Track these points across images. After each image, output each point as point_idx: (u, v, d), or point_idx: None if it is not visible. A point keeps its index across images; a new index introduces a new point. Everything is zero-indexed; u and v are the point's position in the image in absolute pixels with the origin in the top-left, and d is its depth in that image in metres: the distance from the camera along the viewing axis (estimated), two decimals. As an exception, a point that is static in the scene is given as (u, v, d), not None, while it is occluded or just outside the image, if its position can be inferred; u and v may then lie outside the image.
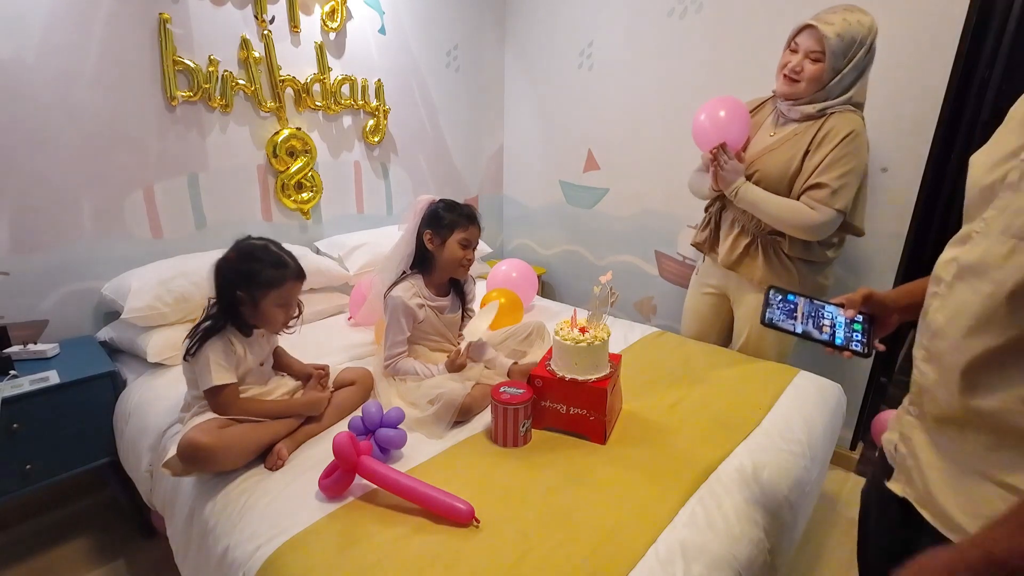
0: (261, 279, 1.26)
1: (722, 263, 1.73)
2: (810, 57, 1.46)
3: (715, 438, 1.31)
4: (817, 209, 1.48)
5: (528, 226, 3.16)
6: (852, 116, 1.48)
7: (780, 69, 1.54)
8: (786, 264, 1.61)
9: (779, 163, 1.55)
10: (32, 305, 1.69)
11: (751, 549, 1.04)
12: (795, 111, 1.54)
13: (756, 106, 1.71)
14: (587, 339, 1.27)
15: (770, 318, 0.94)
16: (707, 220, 1.80)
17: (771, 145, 1.59)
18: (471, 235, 1.54)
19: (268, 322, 1.32)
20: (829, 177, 1.46)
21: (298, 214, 2.29)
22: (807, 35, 1.46)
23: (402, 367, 1.50)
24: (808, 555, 1.67)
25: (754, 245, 1.65)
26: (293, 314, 1.36)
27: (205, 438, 1.13)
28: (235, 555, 1.00)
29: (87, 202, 1.74)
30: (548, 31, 2.74)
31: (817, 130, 1.49)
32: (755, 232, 1.64)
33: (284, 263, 1.30)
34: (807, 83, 1.48)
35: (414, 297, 1.52)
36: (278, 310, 1.30)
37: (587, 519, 1.03)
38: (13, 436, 1.41)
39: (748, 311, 1.75)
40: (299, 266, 1.33)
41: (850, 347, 0.91)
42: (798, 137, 1.53)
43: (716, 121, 1.57)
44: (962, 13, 1.65)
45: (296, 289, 1.33)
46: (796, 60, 1.48)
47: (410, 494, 1.05)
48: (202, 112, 1.94)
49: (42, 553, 1.63)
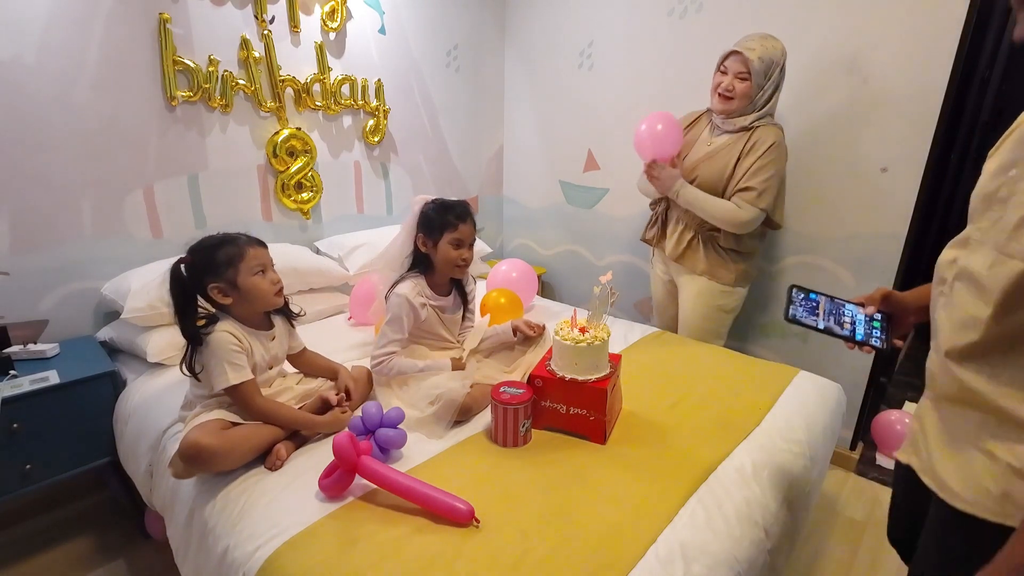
0: (222, 258, 1.23)
1: (669, 256, 1.97)
2: (739, 77, 1.71)
3: (715, 438, 1.31)
4: (744, 208, 1.73)
5: (528, 226, 3.16)
6: (774, 129, 1.74)
7: (714, 89, 1.77)
8: (722, 255, 1.87)
9: (715, 169, 1.79)
10: (32, 305, 1.69)
11: (751, 549, 1.04)
12: (729, 123, 1.79)
13: (694, 119, 1.95)
14: (587, 339, 1.27)
15: (793, 314, 0.99)
16: (654, 218, 2.05)
17: (709, 153, 1.83)
18: (462, 234, 1.52)
19: (257, 296, 1.27)
20: (756, 181, 1.71)
21: (298, 214, 2.29)
22: (734, 59, 1.71)
23: (396, 365, 1.47)
24: (808, 555, 1.67)
25: (696, 239, 1.89)
26: (276, 279, 1.31)
27: (207, 440, 1.13)
28: (235, 555, 1.00)
29: (87, 202, 1.74)
30: (548, 31, 2.74)
31: (746, 141, 1.75)
32: (696, 228, 1.88)
33: (233, 238, 1.27)
34: (739, 100, 1.73)
35: (418, 296, 1.52)
36: (257, 278, 1.26)
37: (587, 519, 1.03)
38: (13, 436, 1.41)
39: (688, 295, 1.98)
40: (251, 237, 1.30)
41: (870, 342, 0.95)
42: (730, 147, 1.78)
43: (652, 134, 1.82)
44: (962, 13, 1.65)
45: (262, 253, 1.29)
46: (727, 81, 1.73)
47: (410, 494, 1.05)
48: (202, 112, 1.94)
49: (42, 553, 1.63)
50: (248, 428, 1.22)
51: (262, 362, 1.33)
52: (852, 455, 2.14)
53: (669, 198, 1.89)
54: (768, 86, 1.71)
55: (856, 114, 1.88)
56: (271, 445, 1.23)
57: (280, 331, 1.40)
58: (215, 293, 1.25)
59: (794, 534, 1.27)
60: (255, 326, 1.32)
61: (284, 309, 1.42)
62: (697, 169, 1.83)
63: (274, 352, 1.37)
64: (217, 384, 1.21)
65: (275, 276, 1.31)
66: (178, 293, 1.24)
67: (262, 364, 1.33)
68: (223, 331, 1.23)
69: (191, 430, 1.18)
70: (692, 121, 1.95)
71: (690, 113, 1.98)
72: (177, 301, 1.24)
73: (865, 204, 1.92)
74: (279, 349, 1.39)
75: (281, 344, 1.40)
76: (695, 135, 1.91)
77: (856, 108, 1.88)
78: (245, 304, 1.28)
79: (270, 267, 1.31)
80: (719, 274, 1.88)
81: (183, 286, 1.24)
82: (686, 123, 1.95)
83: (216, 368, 1.21)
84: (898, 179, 1.84)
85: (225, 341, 1.22)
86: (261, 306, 1.31)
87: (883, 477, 2.07)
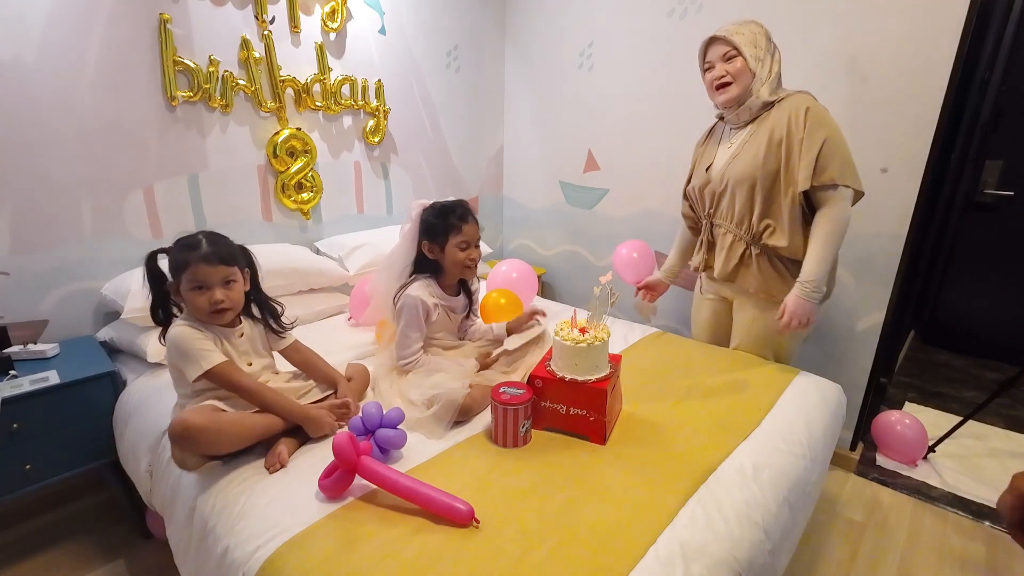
0: (175, 262, 1.24)
1: (719, 276, 1.73)
2: (726, 58, 1.53)
3: (715, 438, 1.31)
4: (838, 204, 1.48)
5: (528, 226, 3.16)
6: (797, 96, 1.52)
7: (709, 87, 1.60)
8: (779, 268, 1.62)
9: (745, 163, 1.56)
10: (32, 305, 1.69)
11: (751, 550, 1.03)
12: (744, 112, 1.57)
13: (707, 135, 1.78)
14: (587, 339, 1.27)
15: None
16: (700, 243, 1.81)
17: (733, 152, 1.62)
18: (468, 235, 1.53)
19: (193, 309, 1.25)
20: (826, 168, 1.45)
21: (298, 214, 2.29)
22: (713, 48, 1.56)
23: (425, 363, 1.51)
24: (808, 555, 1.67)
25: (747, 253, 1.65)
26: (217, 299, 1.23)
27: (197, 419, 1.13)
28: (235, 555, 1.00)
29: (87, 202, 1.74)
30: (548, 31, 2.74)
31: (773, 122, 1.52)
32: (748, 240, 1.63)
33: (193, 245, 1.23)
34: (738, 81, 1.53)
35: (430, 297, 1.53)
36: (194, 294, 1.22)
37: (587, 519, 1.03)
38: (13, 436, 1.41)
39: (745, 318, 1.75)
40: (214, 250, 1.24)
41: None
42: (755, 136, 1.56)
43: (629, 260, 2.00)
44: (962, 13, 1.65)
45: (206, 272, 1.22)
46: (717, 70, 1.55)
47: (410, 494, 1.05)
48: (202, 112, 1.94)
49: (42, 553, 1.63)
50: (241, 414, 1.21)
51: (233, 356, 1.30)
52: (852, 455, 2.14)
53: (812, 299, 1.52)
54: (764, 56, 1.52)
55: (856, 114, 1.88)
56: (264, 433, 1.22)
57: (250, 328, 1.37)
58: (172, 291, 1.27)
59: (794, 534, 1.27)
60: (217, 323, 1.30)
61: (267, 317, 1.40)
62: (726, 173, 1.61)
63: (244, 349, 1.34)
64: (191, 374, 1.20)
65: (216, 295, 1.23)
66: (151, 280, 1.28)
67: (233, 358, 1.30)
68: (184, 326, 1.23)
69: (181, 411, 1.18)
70: (706, 136, 1.78)
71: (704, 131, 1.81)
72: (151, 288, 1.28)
73: (865, 204, 1.91)
74: (249, 346, 1.36)
75: (250, 341, 1.37)
76: (713, 147, 1.72)
77: (856, 108, 1.88)
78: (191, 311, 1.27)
79: (216, 285, 1.23)
80: (777, 291, 1.61)
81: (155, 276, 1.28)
82: (701, 140, 1.79)
83: (185, 361, 1.21)
84: (898, 179, 1.84)
85: (186, 334, 1.22)
86: (203, 319, 1.27)
87: (883, 478, 2.07)
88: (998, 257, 2.91)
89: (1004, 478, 0.71)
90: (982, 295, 3.02)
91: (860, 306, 2.00)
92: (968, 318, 3.12)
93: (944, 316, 3.22)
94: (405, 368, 1.51)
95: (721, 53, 1.54)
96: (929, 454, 2.15)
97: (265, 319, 1.41)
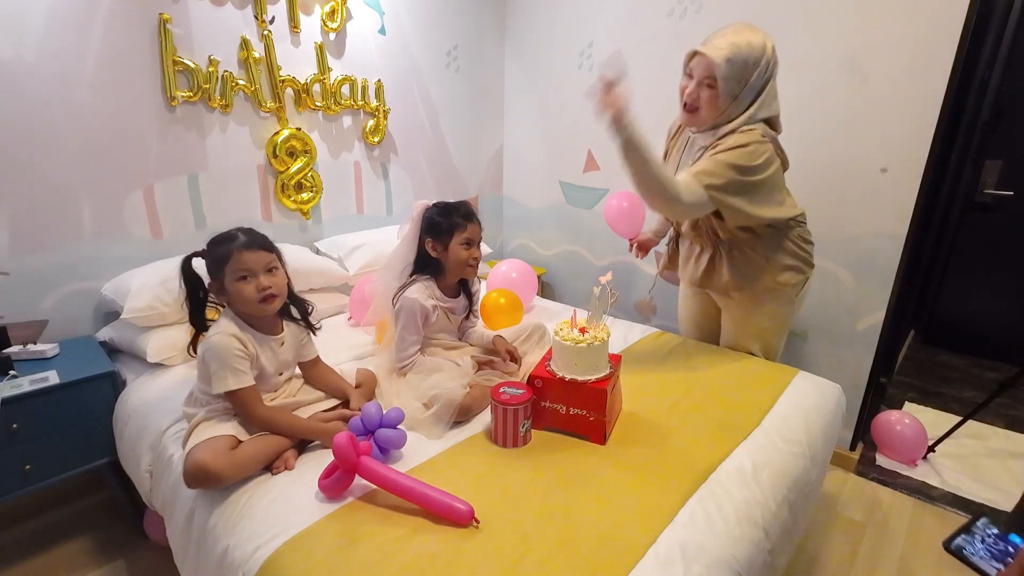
0: (215, 257, 1.23)
1: (692, 283, 1.78)
2: (704, 83, 1.43)
3: (715, 438, 1.31)
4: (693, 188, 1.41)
5: (528, 226, 3.16)
6: (748, 132, 1.43)
7: (680, 93, 1.51)
8: (748, 255, 1.59)
9: None
10: (32, 305, 1.69)
11: (751, 549, 1.04)
12: (702, 137, 1.54)
13: (678, 127, 1.72)
14: (587, 339, 1.27)
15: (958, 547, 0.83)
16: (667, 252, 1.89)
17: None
18: (471, 234, 1.55)
19: (241, 301, 1.23)
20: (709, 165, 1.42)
21: (298, 214, 2.29)
22: (699, 62, 1.43)
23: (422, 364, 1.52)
24: (808, 555, 1.67)
25: (717, 256, 1.64)
26: (264, 285, 1.22)
27: (215, 464, 1.09)
28: (235, 555, 1.00)
29: (87, 202, 1.74)
30: (548, 31, 2.74)
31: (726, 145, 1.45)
32: (713, 244, 1.64)
33: (231, 238, 1.23)
34: (705, 110, 1.46)
35: (429, 299, 1.53)
36: (240, 284, 1.21)
37: (587, 519, 1.03)
38: (13, 436, 1.41)
39: (730, 317, 1.78)
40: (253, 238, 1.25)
41: None
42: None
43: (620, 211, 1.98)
44: (962, 13, 1.65)
45: (250, 258, 1.22)
46: (692, 87, 1.46)
47: (410, 494, 1.05)
48: (202, 112, 1.94)
49: (42, 553, 1.63)
50: (256, 446, 1.18)
51: (269, 368, 1.30)
52: (852, 455, 2.14)
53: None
54: (745, 93, 1.41)
55: (856, 114, 1.88)
56: (277, 453, 1.20)
57: (291, 336, 1.36)
58: (213, 291, 1.26)
59: (794, 534, 1.27)
60: (261, 328, 1.29)
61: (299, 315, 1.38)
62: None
63: (283, 358, 1.34)
64: (216, 387, 1.19)
65: (264, 282, 1.23)
66: (188, 285, 1.27)
67: (269, 370, 1.30)
68: (228, 335, 1.21)
69: (197, 448, 1.13)
70: (677, 130, 1.74)
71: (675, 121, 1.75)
72: (188, 293, 1.28)
73: (865, 204, 1.92)
74: (288, 355, 1.35)
75: (291, 350, 1.36)
76: (677, 154, 1.70)
77: (856, 108, 1.88)
78: (239, 305, 1.25)
79: (260, 272, 1.23)
80: (755, 280, 1.60)
81: (191, 281, 1.27)
82: (671, 132, 1.76)
83: (217, 372, 1.19)
84: (898, 179, 1.84)
85: (229, 346, 1.20)
86: (253, 311, 1.25)
87: (883, 478, 2.07)
88: (998, 257, 2.91)
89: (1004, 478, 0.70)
90: (982, 295, 3.02)
91: (860, 306, 2.00)
92: (968, 318, 3.12)
93: (944, 316, 3.22)
94: (402, 370, 1.51)
95: (702, 74, 1.43)
96: (929, 454, 2.15)
97: (304, 317, 1.40)
